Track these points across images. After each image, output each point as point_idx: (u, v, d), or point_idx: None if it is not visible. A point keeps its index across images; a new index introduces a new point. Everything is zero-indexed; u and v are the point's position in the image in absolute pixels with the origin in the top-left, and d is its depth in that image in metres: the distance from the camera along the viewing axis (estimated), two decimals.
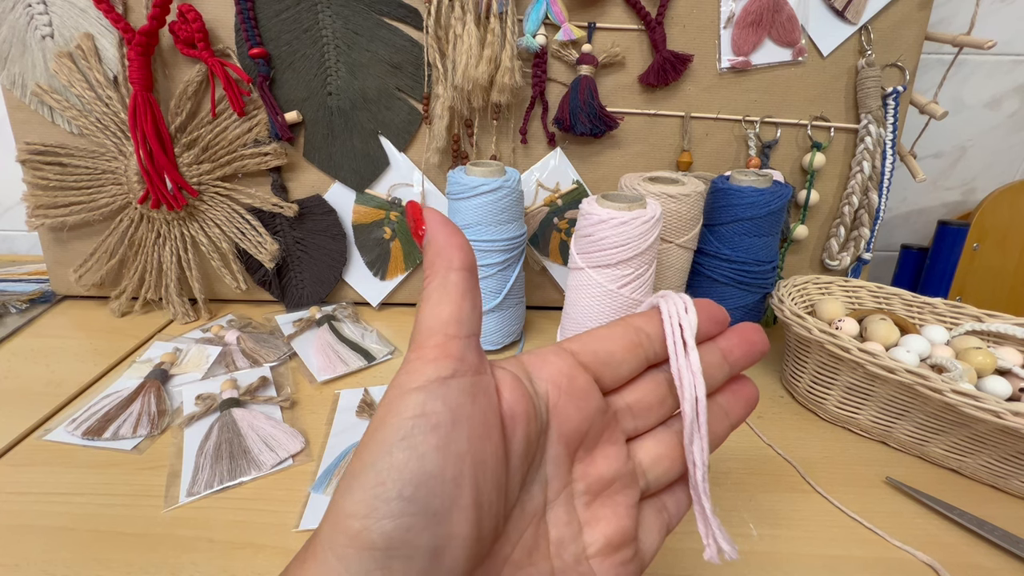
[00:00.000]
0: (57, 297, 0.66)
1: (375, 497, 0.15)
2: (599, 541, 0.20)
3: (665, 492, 0.23)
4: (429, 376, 0.17)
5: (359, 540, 0.15)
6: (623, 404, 0.22)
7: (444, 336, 0.18)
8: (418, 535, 0.15)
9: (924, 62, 0.60)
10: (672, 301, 0.23)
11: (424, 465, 0.16)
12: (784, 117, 0.58)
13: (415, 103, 0.58)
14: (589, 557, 0.20)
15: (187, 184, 0.57)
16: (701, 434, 0.21)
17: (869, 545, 0.35)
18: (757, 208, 0.50)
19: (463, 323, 0.19)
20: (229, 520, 0.36)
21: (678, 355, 0.21)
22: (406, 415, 0.16)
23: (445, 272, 0.19)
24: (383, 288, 0.64)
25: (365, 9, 0.55)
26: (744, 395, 0.24)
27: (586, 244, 0.43)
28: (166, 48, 0.56)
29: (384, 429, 0.17)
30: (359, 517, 0.15)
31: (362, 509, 0.15)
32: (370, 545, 0.15)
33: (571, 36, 0.55)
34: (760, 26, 0.55)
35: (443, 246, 0.20)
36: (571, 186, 0.61)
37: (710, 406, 0.22)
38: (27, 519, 0.36)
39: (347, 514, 0.16)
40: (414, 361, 0.18)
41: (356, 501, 0.16)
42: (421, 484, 0.16)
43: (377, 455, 0.16)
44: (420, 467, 0.16)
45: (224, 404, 0.45)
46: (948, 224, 0.68)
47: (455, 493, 0.16)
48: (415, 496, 0.16)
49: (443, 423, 0.17)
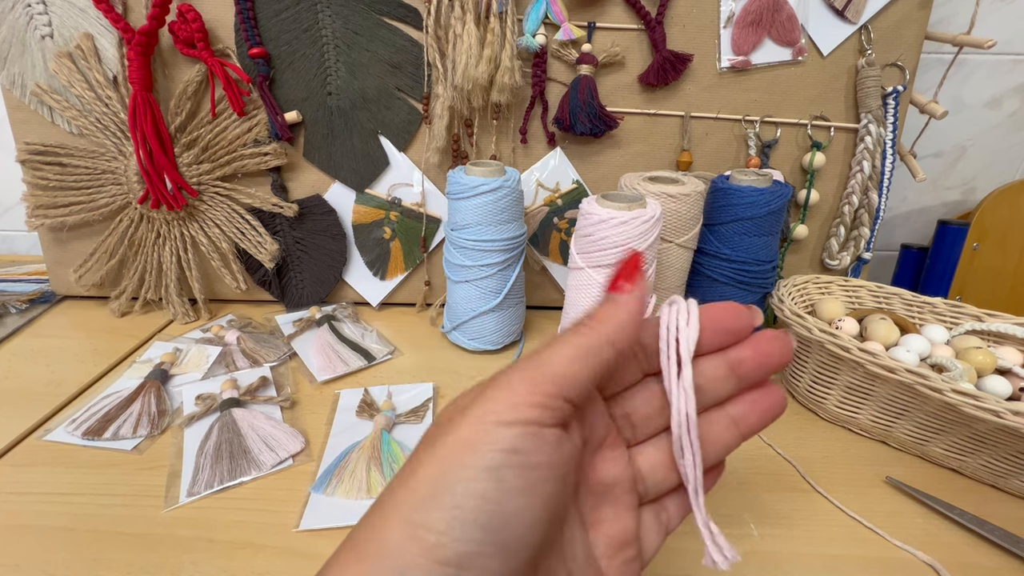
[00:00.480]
0: (57, 297, 0.66)
1: (454, 518, 0.16)
2: (604, 541, 0.21)
3: (666, 496, 0.23)
4: (527, 417, 0.17)
5: (433, 553, 0.16)
6: (622, 412, 0.22)
7: (559, 389, 0.18)
8: (488, 561, 0.16)
9: (924, 61, 0.60)
10: (675, 311, 0.22)
11: (507, 503, 0.16)
12: (784, 117, 0.58)
13: (415, 103, 0.58)
14: (597, 557, 0.20)
15: (187, 184, 0.57)
16: (693, 450, 0.21)
17: (869, 544, 0.35)
18: (757, 208, 0.50)
19: (582, 390, 0.19)
20: (229, 520, 0.36)
21: (670, 372, 0.21)
22: (497, 446, 0.17)
23: (604, 342, 0.19)
24: (383, 288, 0.64)
25: (365, 9, 0.55)
26: (764, 405, 0.22)
27: (586, 244, 0.43)
28: (166, 48, 0.56)
29: (469, 453, 0.17)
30: (436, 533, 0.16)
31: (441, 526, 0.16)
32: (444, 561, 0.16)
33: (571, 36, 0.55)
34: (760, 26, 0.55)
35: (624, 321, 0.20)
36: (571, 186, 0.61)
37: (716, 416, 0.22)
38: (27, 519, 0.36)
39: (425, 527, 0.16)
40: (518, 394, 0.18)
41: (435, 518, 0.16)
42: (502, 521, 0.16)
43: (460, 478, 0.16)
44: (502, 504, 0.16)
45: (224, 404, 0.45)
46: (948, 224, 0.68)
47: (529, 535, 0.17)
48: (492, 527, 0.16)
49: (531, 465, 0.17)
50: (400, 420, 0.45)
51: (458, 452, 0.17)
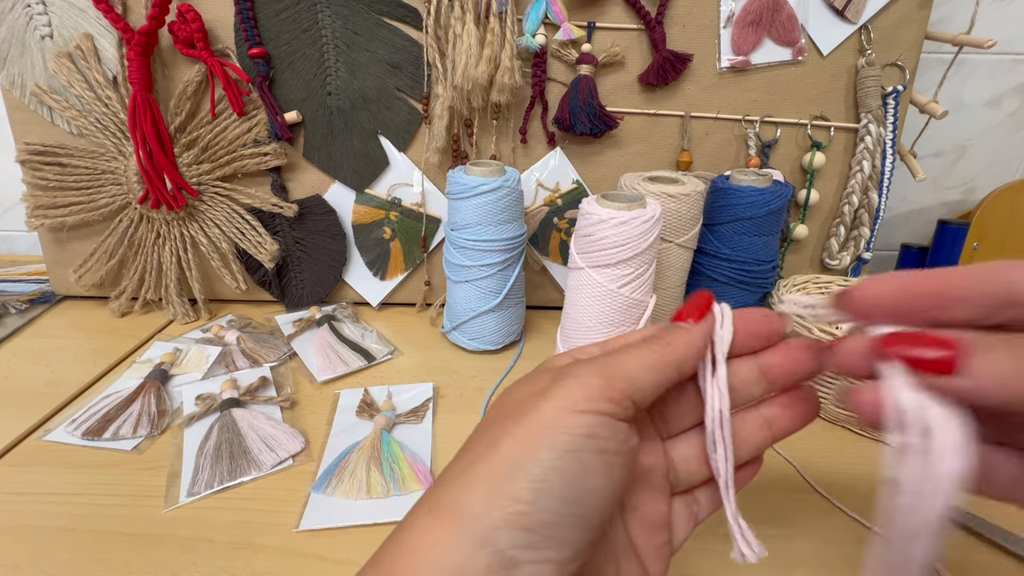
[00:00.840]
0: (57, 297, 0.66)
1: (540, 490, 0.17)
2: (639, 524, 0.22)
3: (697, 488, 0.24)
4: (602, 408, 0.19)
5: (517, 520, 0.17)
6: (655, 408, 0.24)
7: (629, 390, 0.20)
8: (565, 531, 0.18)
9: (924, 61, 0.60)
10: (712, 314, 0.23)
11: (586, 481, 0.18)
12: (784, 116, 0.58)
13: (415, 103, 0.58)
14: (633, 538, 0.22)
15: (187, 184, 0.57)
16: (725, 445, 0.22)
17: (869, 544, 0.35)
18: (757, 208, 0.50)
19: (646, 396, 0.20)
20: (229, 520, 0.36)
21: (706, 370, 0.22)
22: (577, 431, 0.18)
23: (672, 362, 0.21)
24: (383, 288, 0.64)
25: (364, 9, 0.55)
26: (797, 410, 0.23)
27: (586, 244, 0.43)
28: (165, 48, 0.56)
29: (551, 434, 0.18)
30: (522, 503, 0.17)
31: (527, 496, 0.17)
32: (527, 528, 0.17)
33: (571, 36, 0.55)
34: (760, 25, 0.55)
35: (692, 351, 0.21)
36: (571, 186, 0.61)
37: (750, 416, 0.23)
38: (27, 519, 0.36)
39: (510, 496, 0.17)
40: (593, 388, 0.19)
41: (521, 488, 0.17)
42: (581, 496, 0.18)
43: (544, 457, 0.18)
44: (583, 482, 0.18)
45: (224, 404, 0.45)
46: (948, 223, 0.68)
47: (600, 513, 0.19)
48: (572, 500, 0.18)
49: (607, 451, 0.19)
50: (400, 420, 0.45)
51: (540, 433, 0.18)
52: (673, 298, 0.53)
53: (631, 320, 0.44)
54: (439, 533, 0.17)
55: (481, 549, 0.17)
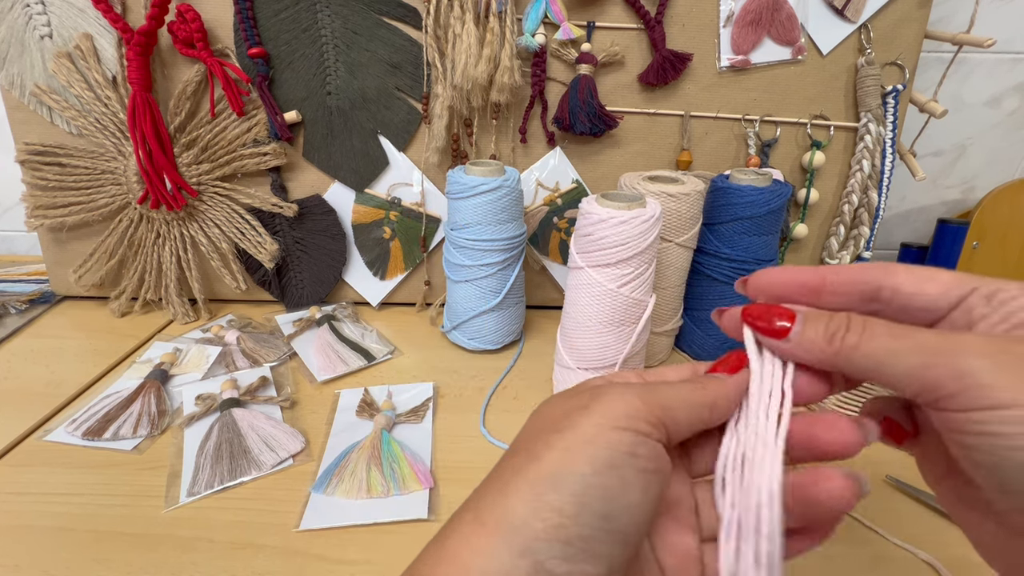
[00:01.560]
0: (57, 297, 0.66)
1: (582, 504, 0.18)
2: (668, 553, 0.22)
3: None
4: (641, 428, 0.19)
5: (557, 533, 0.17)
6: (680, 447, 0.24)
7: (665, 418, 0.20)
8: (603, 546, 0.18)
9: (924, 60, 0.60)
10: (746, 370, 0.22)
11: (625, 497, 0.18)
12: (784, 116, 0.58)
13: (414, 103, 0.58)
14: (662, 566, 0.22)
15: (186, 184, 0.57)
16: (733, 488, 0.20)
17: (869, 543, 0.35)
18: (757, 207, 0.50)
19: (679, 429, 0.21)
20: (229, 520, 0.36)
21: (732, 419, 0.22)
22: (619, 449, 0.19)
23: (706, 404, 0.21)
24: (383, 288, 0.64)
25: (364, 9, 0.55)
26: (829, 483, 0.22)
27: (586, 243, 0.43)
28: (165, 48, 0.55)
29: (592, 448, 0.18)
30: (564, 515, 0.17)
31: (569, 509, 0.17)
32: (567, 540, 0.17)
33: (570, 35, 0.55)
34: (759, 25, 0.55)
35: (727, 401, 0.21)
36: (571, 185, 0.61)
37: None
38: (27, 519, 0.36)
39: (552, 508, 0.17)
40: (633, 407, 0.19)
41: (564, 500, 0.18)
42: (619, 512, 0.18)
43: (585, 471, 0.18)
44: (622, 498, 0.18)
45: (224, 404, 0.45)
46: (948, 223, 0.68)
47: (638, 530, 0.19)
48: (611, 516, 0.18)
49: (646, 469, 0.19)
50: (400, 420, 0.45)
51: (582, 447, 0.19)
52: (673, 297, 0.53)
53: (631, 319, 0.44)
54: (481, 542, 0.17)
55: (522, 559, 0.17)
